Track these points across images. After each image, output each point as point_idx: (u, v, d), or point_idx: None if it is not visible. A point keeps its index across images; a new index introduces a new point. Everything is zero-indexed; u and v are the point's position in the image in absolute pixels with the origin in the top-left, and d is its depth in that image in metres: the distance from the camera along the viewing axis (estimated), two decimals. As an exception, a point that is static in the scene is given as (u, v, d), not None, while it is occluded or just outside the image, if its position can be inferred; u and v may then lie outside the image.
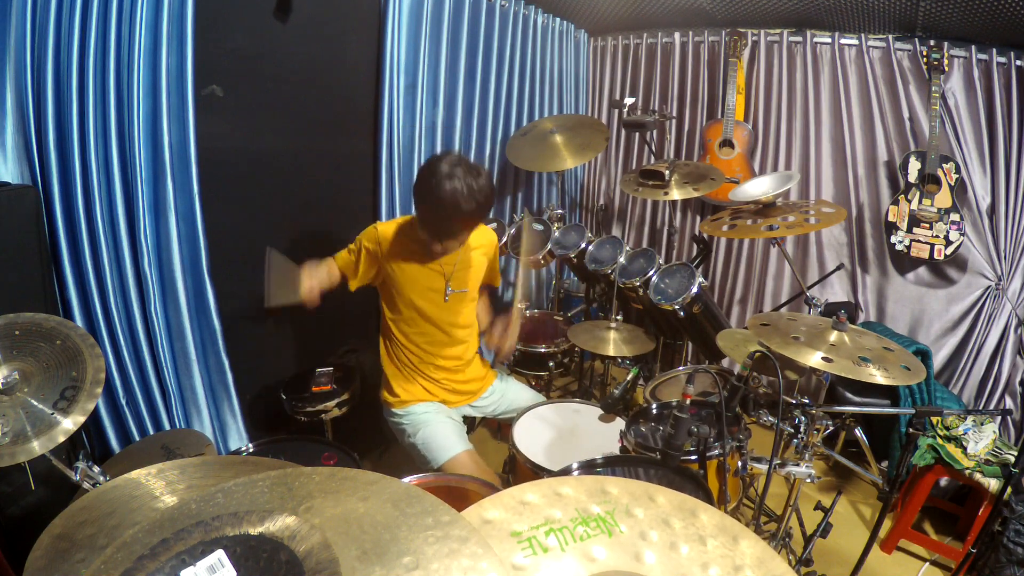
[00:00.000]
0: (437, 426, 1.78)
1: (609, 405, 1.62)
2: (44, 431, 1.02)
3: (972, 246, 2.49)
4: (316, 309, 1.80)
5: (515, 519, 0.64)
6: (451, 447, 1.72)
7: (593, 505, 0.66)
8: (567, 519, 0.64)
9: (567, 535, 0.62)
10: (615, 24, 3.31)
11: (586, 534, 0.63)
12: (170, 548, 0.53)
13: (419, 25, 2.31)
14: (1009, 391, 2.49)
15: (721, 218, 2.24)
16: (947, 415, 1.96)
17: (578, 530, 0.63)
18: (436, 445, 1.74)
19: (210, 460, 1.03)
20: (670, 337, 2.63)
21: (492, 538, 0.61)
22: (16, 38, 1.40)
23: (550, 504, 0.66)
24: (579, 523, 0.64)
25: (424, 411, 1.82)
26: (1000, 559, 1.64)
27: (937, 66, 2.36)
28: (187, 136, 1.68)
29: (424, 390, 1.84)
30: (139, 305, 1.70)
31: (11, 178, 1.44)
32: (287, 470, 0.64)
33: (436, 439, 1.75)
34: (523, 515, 0.64)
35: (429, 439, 1.75)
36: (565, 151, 2.71)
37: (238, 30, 1.83)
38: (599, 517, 0.65)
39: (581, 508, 0.66)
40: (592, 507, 0.66)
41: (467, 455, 1.72)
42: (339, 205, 2.33)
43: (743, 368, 1.45)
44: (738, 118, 2.88)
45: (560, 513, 0.65)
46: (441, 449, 1.72)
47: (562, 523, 0.64)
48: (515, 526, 0.63)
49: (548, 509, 0.65)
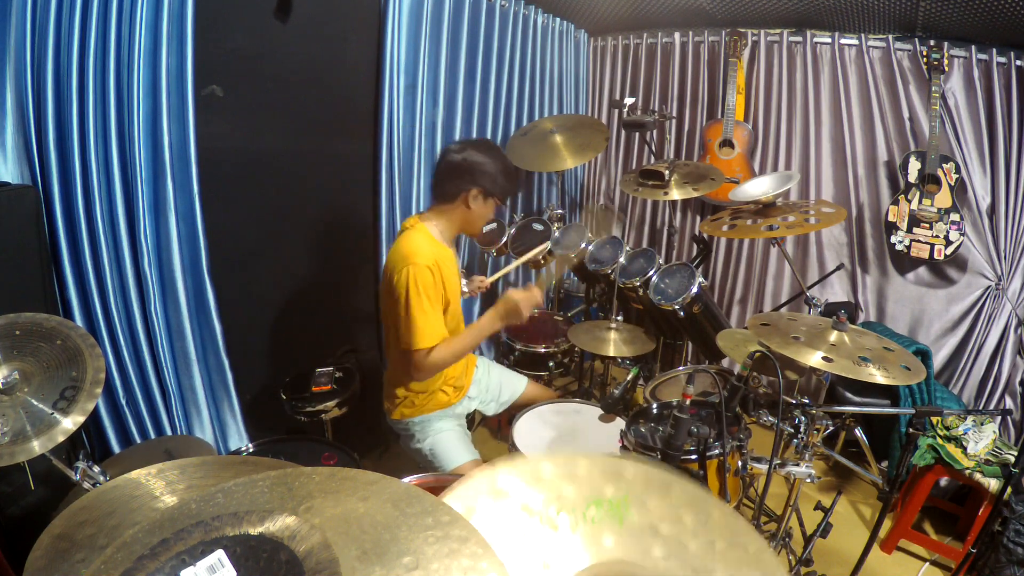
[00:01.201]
0: (448, 433, 1.78)
1: (609, 405, 1.63)
2: (44, 431, 1.02)
3: (972, 246, 2.49)
4: (316, 309, 1.79)
5: (526, 491, 0.63)
6: (459, 456, 1.73)
7: (607, 488, 0.65)
8: (580, 498, 0.64)
9: (578, 516, 0.62)
10: (615, 24, 3.31)
11: (596, 518, 0.62)
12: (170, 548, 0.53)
13: (419, 25, 2.31)
14: (1009, 391, 2.48)
15: (721, 218, 2.24)
16: (947, 415, 1.96)
17: (589, 512, 0.63)
18: (444, 454, 1.73)
19: (210, 460, 1.03)
20: (670, 337, 2.63)
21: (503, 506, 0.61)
22: (16, 38, 1.40)
23: (564, 480, 0.65)
24: (591, 503, 0.63)
25: (440, 418, 1.80)
26: (1000, 559, 1.64)
27: (937, 66, 2.35)
28: (187, 136, 1.68)
29: (443, 394, 1.81)
30: (139, 305, 1.70)
31: (11, 178, 1.45)
32: (287, 470, 0.64)
33: (444, 448, 1.75)
34: (535, 488, 0.64)
35: (437, 446, 1.75)
36: (565, 151, 2.71)
37: (238, 30, 1.83)
38: (611, 502, 0.64)
39: (595, 489, 0.65)
40: (605, 489, 0.65)
41: (473, 465, 1.72)
42: (339, 205, 2.33)
43: (743, 368, 1.45)
44: (738, 118, 2.88)
45: (572, 491, 0.64)
46: (449, 458, 1.72)
47: (573, 502, 0.63)
48: (527, 499, 0.62)
49: (561, 484, 0.65)
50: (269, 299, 2.16)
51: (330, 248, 2.33)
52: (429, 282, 1.54)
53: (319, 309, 2.32)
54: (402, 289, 1.52)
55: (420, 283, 1.52)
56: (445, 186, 1.65)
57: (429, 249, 1.59)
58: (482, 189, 1.64)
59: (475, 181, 1.62)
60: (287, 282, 2.20)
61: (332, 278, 2.35)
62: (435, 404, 1.79)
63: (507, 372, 2.12)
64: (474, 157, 1.62)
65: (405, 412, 1.78)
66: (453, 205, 1.66)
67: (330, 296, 2.37)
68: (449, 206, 1.67)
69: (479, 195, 1.64)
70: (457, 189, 1.63)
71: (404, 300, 1.52)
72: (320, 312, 2.32)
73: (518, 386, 2.08)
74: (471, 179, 1.62)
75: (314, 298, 2.28)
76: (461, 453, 1.74)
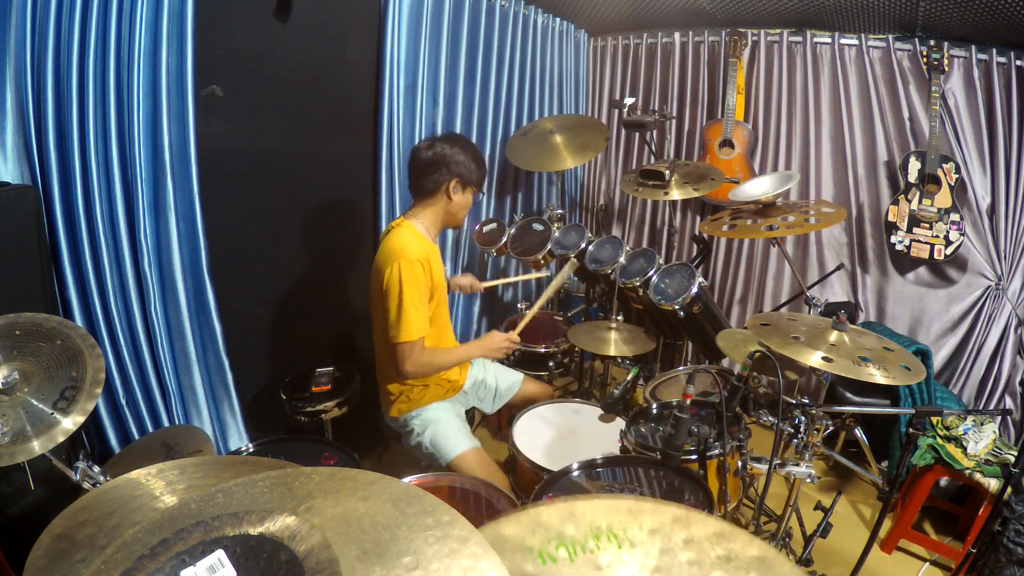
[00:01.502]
0: (447, 423, 1.80)
1: (609, 405, 1.63)
2: (44, 431, 1.02)
3: (972, 246, 2.49)
4: (316, 309, 1.81)
5: (528, 535, 0.63)
6: (459, 445, 1.74)
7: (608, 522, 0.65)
8: (580, 534, 0.63)
9: (576, 548, 0.62)
10: (615, 24, 3.31)
11: (596, 548, 0.62)
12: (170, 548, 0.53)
13: (419, 25, 2.31)
14: (1009, 391, 2.48)
15: (721, 218, 2.24)
16: (947, 415, 1.96)
17: (588, 543, 0.63)
18: (444, 443, 1.74)
19: (210, 460, 1.03)
20: (670, 337, 2.63)
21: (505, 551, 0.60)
22: (16, 38, 1.40)
23: (563, 522, 0.65)
24: (591, 536, 0.63)
25: (436, 409, 1.83)
26: (1000, 559, 1.64)
27: (937, 66, 2.35)
28: (187, 136, 1.68)
29: (438, 387, 1.85)
30: (139, 305, 1.70)
31: (11, 178, 1.45)
32: (287, 470, 0.64)
33: (444, 437, 1.76)
34: (536, 533, 0.64)
35: (437, 437, 1.76)
36: (565, 151, 2.71)
37: (238, 30, 1.83)
38: (612, 532, 0.64)
39: (595, 525, 0.65)
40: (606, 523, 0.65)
41: (474, 453, 1.73)
42: (339, 205, 2.33)
43: (743, 368, 1.45)
44: (738, 118, 2.88)
45: (573, 529, 0.64)
46: (449, 447, 1.73)
47: (574, 538, 0.63)
48: (528, 541, 0.62)
49: (561, 526, 0.64)
50: (269, 299, 2.16)
51: (330, 248, 2.32)
52: (420, 276, 1.60)
53: (319, 309, 2.32)
54: (394, 283, 1.57)
55: (411, 277, 1.58)
56: (423, 182, 1.71)
57: (418, 245, 1.65)
58: (459, 179, 1.71)
59: (451, 172, 1.69)
60: (287, 282, 2.20)
61: (332, 278, 2.35)
62: (431, 396, 1.82)
63: (504, 369, 2.14)
64: (445, 150, 1.69)
65: (402, 408, 1.80)
66: (435, 199, 1.73)
67: (330, 296, 2.37)
68: (431, 200, 1.73)
69: (458, 185, 1.72)
70: (436, 183, 1.70)
71: (396, 293, 1.57)
72: (320, 312, 2.32)
73: (515, 383, 2.10)
74: (447, 171, 1.69)
75: (314, 298, 2.28)
76: (461, 442, 1.75)
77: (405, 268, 1.58)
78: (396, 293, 1.57)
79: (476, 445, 1.77)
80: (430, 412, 1.81)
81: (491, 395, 2.06)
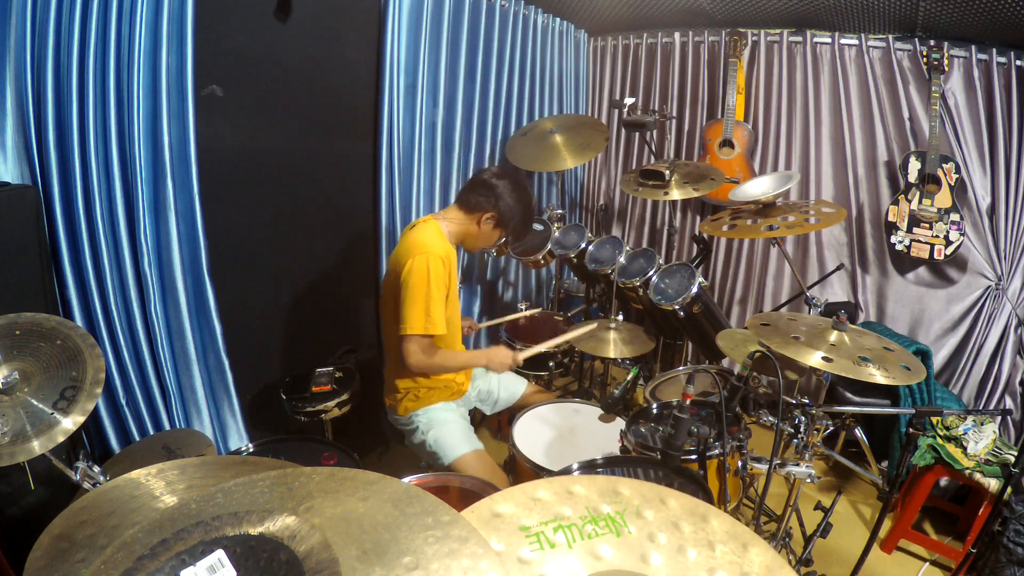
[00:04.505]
0: (451, 425, 1.80)
1: (609, 405, 1.63)
2: (44, 431, 1.02)
3: (972, 246, 2.49)
4: (316, 309, 1.82)
5: (525, 514, 0.64)
6: (461, 446, 1.74)
7: (604, 504, 0.66)
8: (577, 517, 0.64)
9: (575, 532, 0.62)
10: (615, 24, 3.31)
11: (594, 532, 0.63)
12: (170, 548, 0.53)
13: (419, 25, 2.31)
14: (1009, 391, 2.48)
15: (721, 218, 2.24)
16: (947, 415, 1.96)
17: (587, 528, 0.63)
18: (447, 444, 1.75)
19: (210, 460, 1.03)
20: (670, 337, 2.63)
21: (500, 531, 0.61)
22: (16, 38, 1.40)
23: (561, 501, 0.66)
24: (588, 521, 0.64)
25: (442, 409, 1.83)
26: (1000, 559, 1.64)
27: (937, 66, 2.35)
28: (187, 136, 1.68)
29: (445, 388, 1.85)
30: (139, 305, 1.70)
31: (11, 178, 1.44)
32: (287, 470, 0.64)
33: (448, 437, 1.76)
34: (533, 511, 0.64)
35: (441, 437, 1.76)
36: (565, 151, 2.71)
37: (238, 30, 1.83)
38: (608, 516, 0.64)
39: (592, 507, 0.65)
40: (603, 506, 0.66)
41: (475, 455, 1.73)
42: (339, 205, 2.33)
43: (743, 368, 1.45)
44: (738, 118, 2.88)
45: (570, 511, 0.65)
46: (451, 448, 1.74)
47: (571, 520, 0.63)
48: (524, 521, 0.63)
49: (559, 506, 0.65)
50: (269, 299, 2.16)
51: (330, 248, 2.33)
52: (442, 272, 1.62)
53: (319, 309, 2.32)
54: (419, 275, 1.58)
55: (434, 271, 1.60)
56: (469, 196, 1.76)
57: (441, 243, 1.70)
58: (497, 216, 1.74)
59: (495, 206, 1.73)
60: (287, 282, 2.20)
61: (332, 278, 2.35)
62: (438, 396, 1.83)
63: (508, 375, 2.13)
64: (504, 187, 1.74)
65: (409, 406, 1.80)
66: (468, 216, 1.77)
67: (330, 296, 2.37)
68: (465, 215, 1.77)
69: (492, 219, 1.75)
70: (477, 204, 1.74)
71: (416, 284, 1.58)
72: (320, 312, 2.32)
73: (517, 388, 2.09)
74: (493, 202, 1.73)
75: (314, 298, 2.28)
76: (464, 444, 1.75)
77: (432, 262, 1.59)
78: (416, 284, 1.58)
79: (479, 447, 1.77)
80: (436, 412, 1.82)
81: (492, 399, 2.06)
